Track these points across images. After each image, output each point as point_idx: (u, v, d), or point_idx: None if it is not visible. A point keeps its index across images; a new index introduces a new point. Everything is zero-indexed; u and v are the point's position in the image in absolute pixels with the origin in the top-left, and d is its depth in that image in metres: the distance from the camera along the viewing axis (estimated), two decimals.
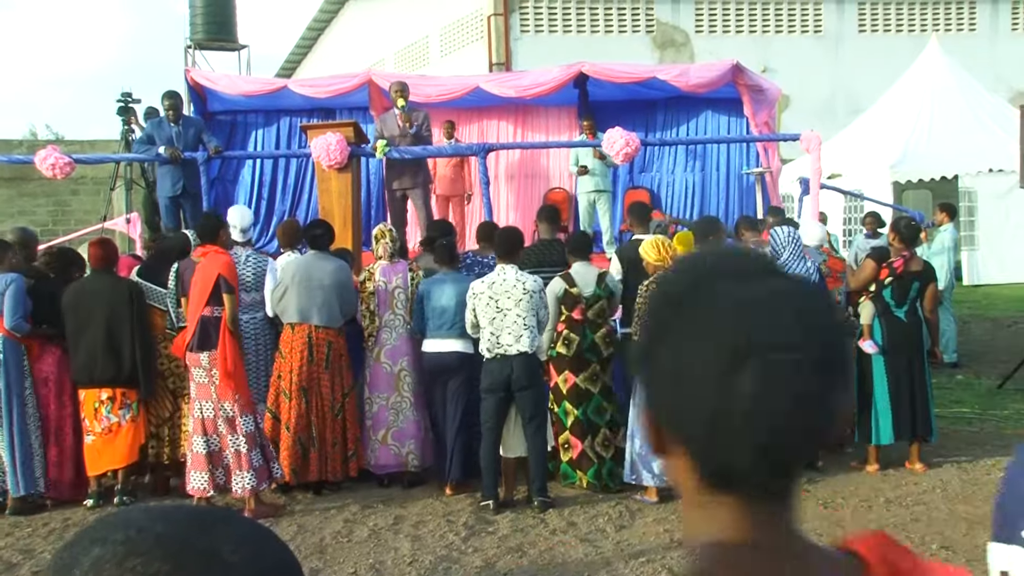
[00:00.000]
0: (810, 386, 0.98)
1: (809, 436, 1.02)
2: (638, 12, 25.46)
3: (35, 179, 19.74)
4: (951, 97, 20.25)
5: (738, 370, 0.97)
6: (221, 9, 28.75)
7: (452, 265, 7.91)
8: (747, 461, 1.00)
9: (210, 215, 8.31)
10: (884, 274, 8.06)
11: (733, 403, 0.98)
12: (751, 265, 1.06)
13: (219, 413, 7.19)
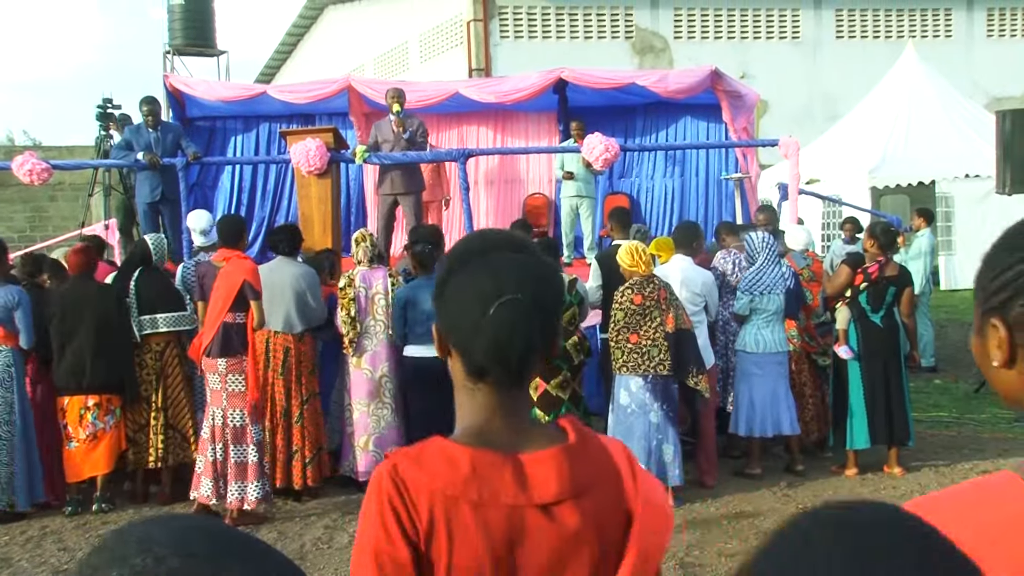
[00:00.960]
0: (528, 318, 1.63)
1: (529, 347, 1.65)
2: (617, 18, 25.52)
3: (12, 185, 19.60)
4: (928, 103, 20.39)
5: (487, 305, 1.62)
6: (200, 15, 28.67)
7: (431, 271, 7.90)
8: (491, 361, 1.64)
9: (232, 218, 8.23)
10: (859, 280, 8.10)
11: (483, 324, 1.62)
12: (506, 244, 1.74)
13: (228, 421, 7.16)
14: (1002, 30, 28.19)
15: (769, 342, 8.02)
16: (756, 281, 8.03)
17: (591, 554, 1.64)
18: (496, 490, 1.61)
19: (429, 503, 1.59)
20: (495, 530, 1.60)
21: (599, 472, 1.69)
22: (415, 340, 7.66)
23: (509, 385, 1.68)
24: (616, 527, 1.67)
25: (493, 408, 1.70)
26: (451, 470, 1.61)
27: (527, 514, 1.61)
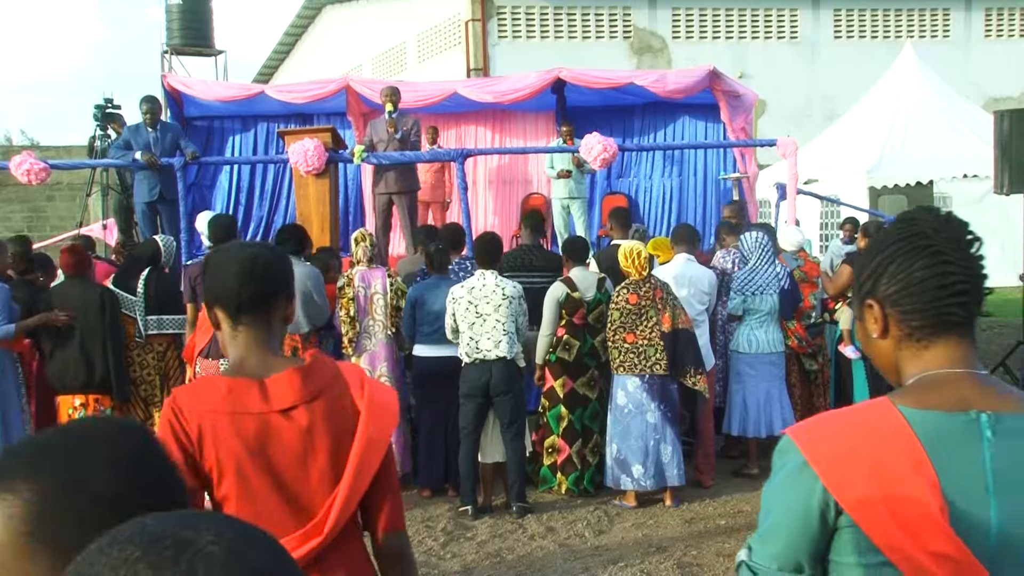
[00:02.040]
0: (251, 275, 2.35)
1: (262, 291, 2.35)
2: (615, 18, 25.53)
3: (10, 185, 19.60)
4: (926, 103, 20.40)
5: (240, 271, 2.34)
6: (197, 15, 28.63)
7: (442, 270, 7.90)
8: (244, 305, 2.33)
9: (223, 217, 8.20)
10: None
11: (240, 284, 2.33)
12: (247, 244, 2.50)
13: None
14: (1000, 30, 28.20)
15: (762, 342, 8.02)
16: (749, 281, 8.03)
17: (326, 441, 2.28)
18: (246, 403, 2.24)
19: (198, 419, 2.23)
20: (247, 432, 2.23)
21: (328, 383, 2.32)
22: (423, 340, 7.67)
23: (254, 324, 2.34)
24: (348, 420, 2.31)
25: (247, 348, 2.34)
26: (213, 393, 2.25)
27: (271, 418, 2.25)
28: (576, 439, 7.61)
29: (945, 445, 1.67)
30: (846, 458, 1.67)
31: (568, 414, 7.61)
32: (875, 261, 1.83)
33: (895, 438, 1.67)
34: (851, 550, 1.69)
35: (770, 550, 1.75)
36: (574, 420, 7.62)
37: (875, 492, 1.64)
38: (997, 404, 1.72)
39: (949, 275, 1.75)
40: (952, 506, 1.63)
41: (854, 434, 1.71)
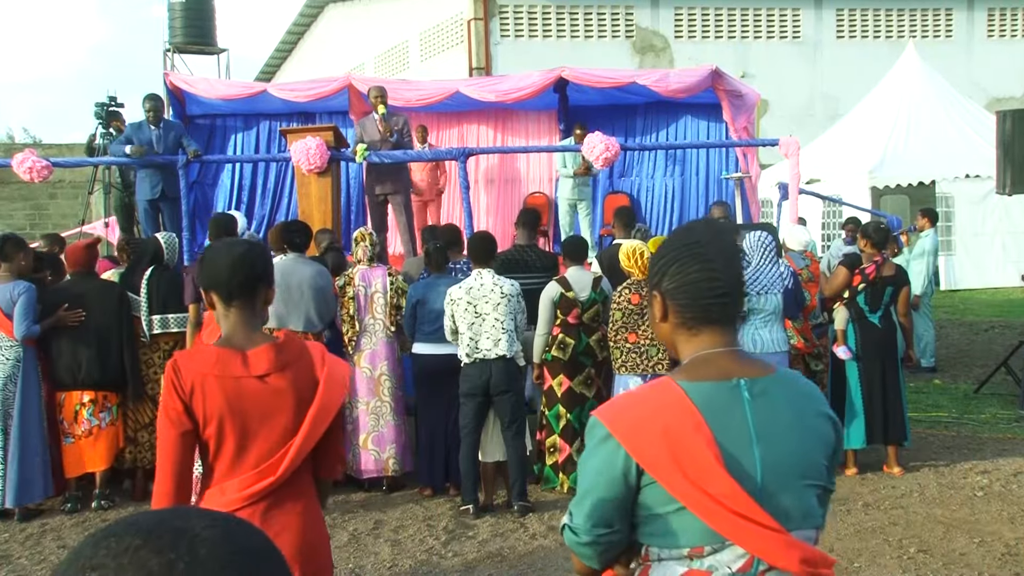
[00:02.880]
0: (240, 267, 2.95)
1: (248, 281, 2.95)
2: (618, 17, 25.53)
3: (12, 182, 19.62)
4: (928, 103, 20.41)
5: (231, 263, 2.95)
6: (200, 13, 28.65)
7: (443, 270, 7.90)
8: (234, 291, 2.92)
9: (222, 216, 8.21)
10: (857, 280, 8.09)
11: (231, 274, 2.93)
12: (236, 242, 3.23)
13: None
14: (1003, 30, 28.19)
15: (767, 342, 8.00)
16: (752, 281, 8.01)
17: (291, 402, 2.93)
18: (230, 368, 2.89)
19: (191, 378, 2.87)
20: (229, 390, 2.87)
21: (296, 357, 2.98)
22: (423, 338, 7.67)
23: (242, 305, 2.96)
24: (309, 388, 2.96)
25: (235, 326, 2.97)
26: (205, 359, 2.91)
27: (249, 381, 2.90)
28: (576, 438, 7.61)
29: (716, 408, 2.09)
30: (641, 427, 2.08)
31: (567, 413, 7.61)
32: (661, 261, 2.24)
33: (677, 407, 2.09)
34: (653, 502, 2.09)
35: (585, 511, 2.13)
36: (572, 419, 7.62)
37: (666, 452, 2.05)
38: (750, 372, 2.17)
39: (714, 280, 2.17)
40: (726, 455, 2.05)
41: (646, 408, 2.12)
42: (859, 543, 6.39)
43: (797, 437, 2.15)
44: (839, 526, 6.75)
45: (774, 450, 2.11)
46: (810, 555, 2.09)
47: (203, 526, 0.96)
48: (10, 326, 7.31)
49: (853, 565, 6.02)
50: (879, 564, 6.04)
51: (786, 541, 2.07)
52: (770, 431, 2.11)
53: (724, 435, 2.07)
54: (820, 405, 2.24)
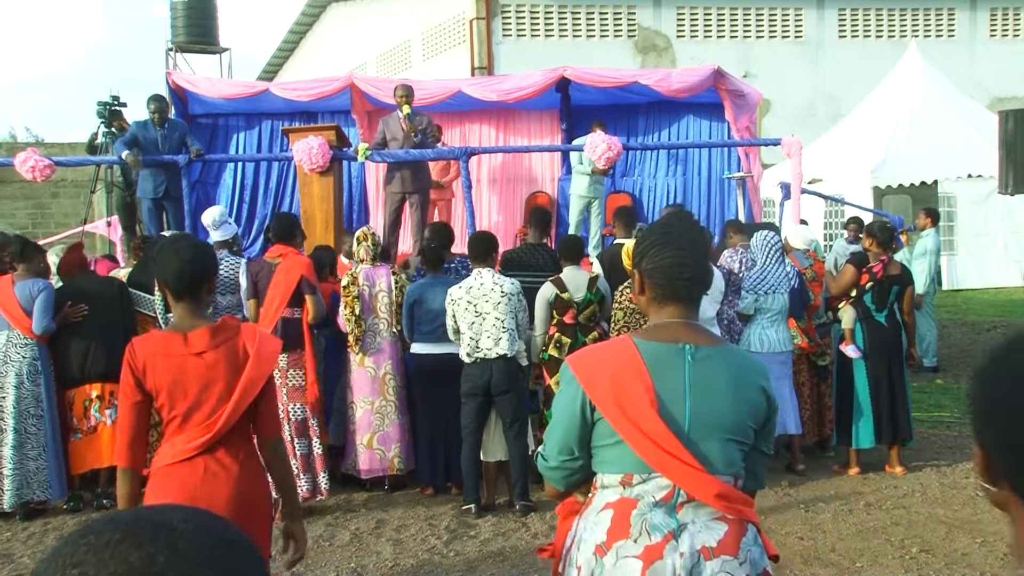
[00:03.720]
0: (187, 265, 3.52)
1: (193, 282, 3.52)
2: (620, 17, 25.52)
3: (15, 181, 19.63)
4: (931, 103, 20.40)
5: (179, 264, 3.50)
6: (202, 12, 28.69)
7: (438, 269, 7.90)
8: (182, 288, 3.53)
9: (286, 216, 8.24)
10: (865, 279, 8.08)
11: (179, 273, 3.49)
12: (183, 241, 3.69)
13: (288, 415, 7.27)
14: (1005, 30, 28.17)
15: (773, 341, 8.00)
16: (760, 280, 8.02)
17: (223, 374, 3.52)
18: (173, 348, 3.51)
19: (143, 358, 3.51)
20: (173, 366, 3.49)
21: (230, 336, 3.57)
22: (421, 338, 7.67)
23: (187, 303, 3.56)
24: (240, 361, 3.55)
25: (181, 314, 3.58)
26: (154, 342, 3.55)
27: (188, 358, 3.51)
28: None
29: (660, 363, 2.57)
30: (596, 372, 2.58)
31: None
32: (642, 245, 2.73)
33: (627, 358, 2.57)
34: (601, 435, 2.58)
35: (553, 440, 2.66)
36: None
37: (612, 393, 2.53)
38: (698, 340, 2.63)
39: (683, 266, 2.65)
40: (660, 401, 2.52)
41: (604, 357, 2.63)
42: (861, 543, 6.38)
43: (728, 399, 2.58)
44: (841, 526, 6.75)
45: (703, 405, 2.55)
46: (727, 492, 2.53)
47: (180, 520, 0.98)
48: (29, 322, 7.40)
49: (855, 565, 6.02)
50: (881, 564, 6.04)
51: (704, 478, 2.51)
52: (703, 389, 2.56)
53: (662, 385, 2.54)
54: (759, 379, 2.67)
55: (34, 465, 7.40)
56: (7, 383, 7.40)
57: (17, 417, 7.38)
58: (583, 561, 2.58)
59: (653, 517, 2.53)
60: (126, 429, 3.55)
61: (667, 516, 2.54)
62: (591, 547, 2.57)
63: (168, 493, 3.43)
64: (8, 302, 7.43)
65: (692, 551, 2.49)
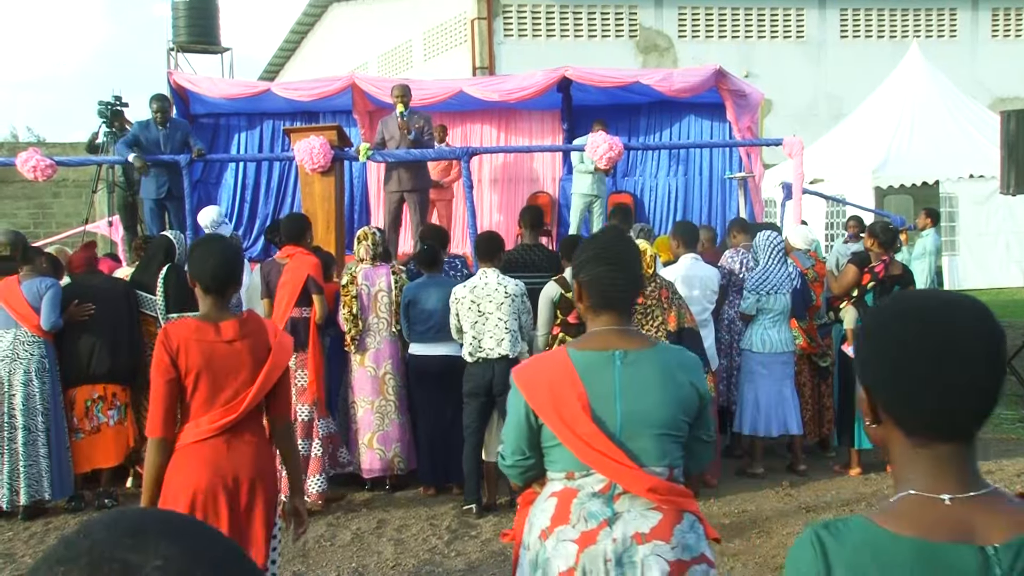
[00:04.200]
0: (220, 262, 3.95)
1: (225, 281, 3.95)
2: (621, 17, 25.52)
3: (16, 181, 19.63)
4: (932, 103, 20.38)
5: (214, 264, 3.94)
6: (204, 12, 28.71)
7: (434, 269, 7.90)
8: (213, 286, 3.94)
9: (296, 216, 8.26)
10: (867, 279, 8.07)
11: (213, 273, 3.93)
12: (219, 244, 4.05)
13: (295, 416, 7.27)
14: (1007, 30, 28.16)
15: (775, 342, 8.00)
16: (762, 281, 8.02)
17: (249, 362, 3.90)
18: (206, 335, 3.87)
19: (177, 341, 3.83)
20: (205, 351, 3.84)
21: (255, 330, 3.96)
22: (416, 338, 7.68)
23: (216, 298, 3.94)
24: (263, 351, 3.94)
25: (211, 306, 3.95)
26: (188, 328, 3.89)
27: (219, 345, 3.87)
28: None
29: (591, 370, 2.82)
30: (534, 382, 2.86)
31: None
32: (581, 258, 2.98)
33: (562, 368, 2.84)
34: (546, 438, 2.86)
35: (508, 442, 2.97)
36: None
37: (549, 400, 2.80)
38: (628, 345, 2.88)
39: (615, 279, 2.91)
40: (593, 406, 2.78)
41: (541, 368, 2.90)
42: None
43: (657, 397, 2.83)
44: None
45: (633, 406, 2.81)
46: (658, 485, 2.79)
47: (155, 565, 0.90)
48: (37, 320, 7.42)
49: None
50: None
51: (636, 474, 2.78)
52: (632, 391, 2.81)
53: (593, 391, 2.79)
54: (688, 376, 2.93)
55: (44, 463, 7.42)
56: (15, 381, 7.41)
57: (26, 415, 7.39)
58: (531, 543, 2.93)
59: (591, 506, 2.80)
60: (160, 403, 3.84)
61: (604, 505, 2.80)
62: (537, 531, 2.89)
63: (193, 471, 3.79)
64: (16, 301, 7.44)
65: (625, 537, 2.76)
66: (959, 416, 1.57)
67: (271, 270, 7.67)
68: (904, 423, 1.59)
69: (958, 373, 1.53)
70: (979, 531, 1.50)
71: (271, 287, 7.58)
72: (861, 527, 1.55)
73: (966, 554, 1.47)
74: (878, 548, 1.51)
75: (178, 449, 3.84)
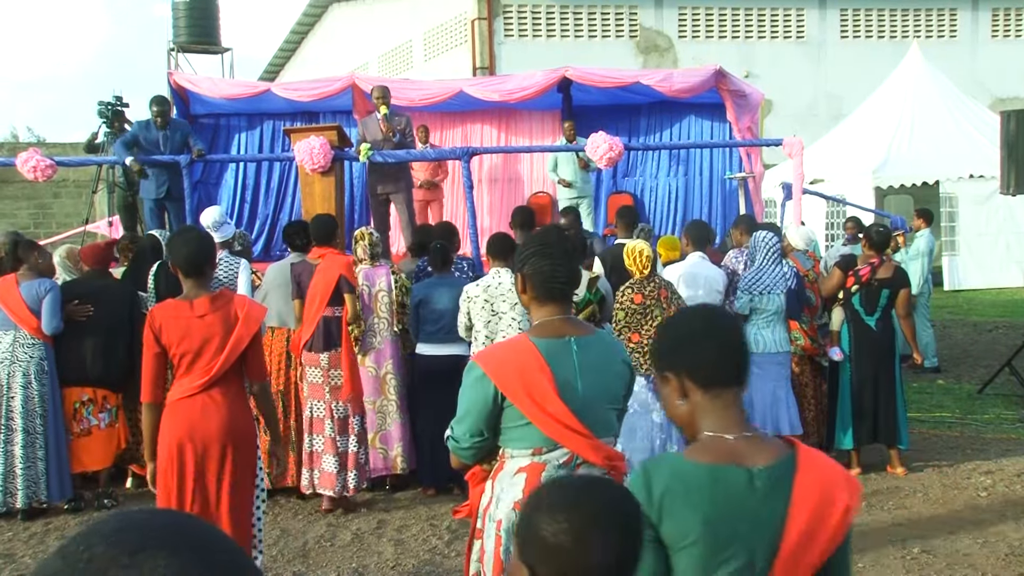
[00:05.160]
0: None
1: (198, 264, 4.70)
2: (622, 17, 25.52)
3: (16, 181, 19.64)
4: (932, 103, 20.38)
5: (188, 251, 4.68)
6: (204, 12, 28.70)
7: (445, 269, 7.90)
8: (190, 270, 4.68)
9: (325, 217, 8.26)
10: (851, 282, 8.08)
11: (187, 258, 4.69)
12: (190, 233, 5.03)
13: (330, 413, 7.31)
14: (1007, 30, 28.16)
15: (769, 342, 7.98)
16: (755, 281, 7.99)
17: (219, 332, 4.61)
18: (182, 312, 4.62)
19: (159, 320, 4.59)
20: (182, 326, 4.59)
21: (225, 304, 4.67)
22: (425, 338, 7.67)
23: (194, 279, 4.64)
24: (232, 322, 4.64)
25: (190, 287, 4.64)
26: (168, 308, 4.66)
27: (193, 320, 4.59)
28: None
29: (554, 355, 3.10)
30: (504, 367, 3.10)
31: None
32: (524, 253, 3.26)
33: (529, 354, 3.10)
34: (510, 418, 3.10)
35: (464, 426, 3.17)
36: None
37: (520, 383, 3.06)
38: (577, 333, 3.20)
39: (556, 272, 3.18)
40: (559, 386, 3.06)
41: (508, 354, 3.17)
42: (862, 543, 6.38)
43: (606, 375, 3.19)
44: None
45: (590, 385, 3.13)
46: (610, 454, 3.17)
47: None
48: (36, 323, 7.41)
49: (856, 565, 6.01)
50: (883, 564, 6.04)
51: (595, 444, 3.11)
52: (589, 372, 3.13)
53: (559, 373, 3.08)
54: (622, 355, 3.34)
55: (42, 466, 7.41)
56: (15, 383, 7.40)
57: (25, 417, 7.39)
58: (502, 515, 3.14)
59: (558, 476, 3.01)
60: (149, 373, 4.66)
61: (569, 475, 3.03)
62: (509, 503, 3.11)
63: (176, 423, 4.62)
64: (14, 303, 7.42)
65: None
66: (728, 367, 2.28)
67: (303, 271, 7.65)
68: (698, 379, 2.25)
69: (725, 335, 2.31)
70: (748, 458, 2.18)
71: (303, 288, 7.55)
72: (672, 459, 2.29)
73: (740, 473, 2.15)
74: (683, 472, 2.18)
75: (167, 405, 4.69)
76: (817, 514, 2.14)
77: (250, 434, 4.79)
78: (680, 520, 2.10)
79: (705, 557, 2.10)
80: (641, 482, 2.16)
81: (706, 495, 2.12)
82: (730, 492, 2.13)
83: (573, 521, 1.80)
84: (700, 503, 2.11)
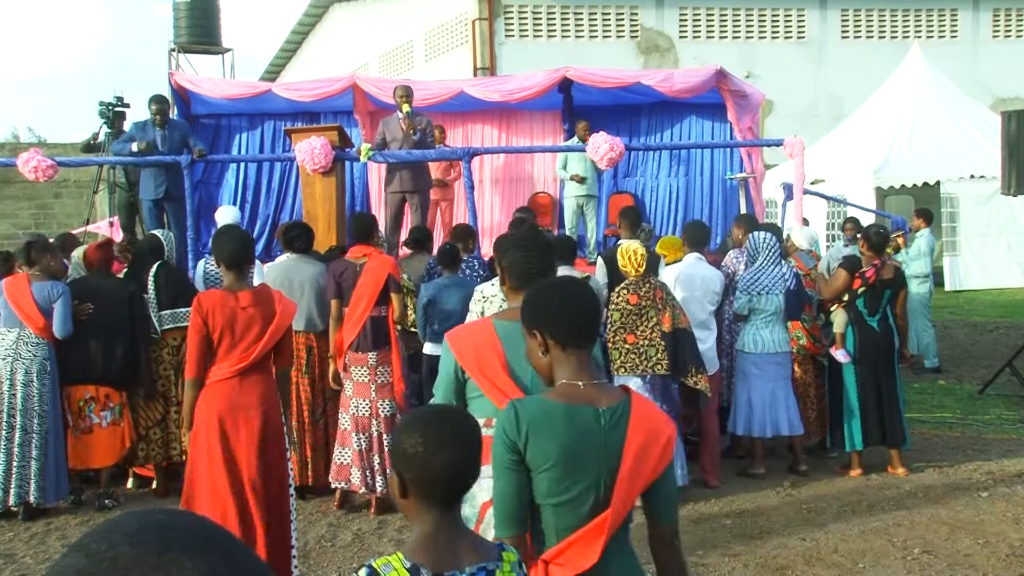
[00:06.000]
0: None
1: (241, 259, 5.44)
2: (623, 17, 25.53)
3: (17, 182, 19.65)
4: (933, 103, 20.38)
5: (232, 247, 5.38)
6: (205, 12, 28.68)
7: (454, 269, 7.91)
8: (233, 264, 5.40)
9: (364, 216, 8.25)
10: (857, 284, 8.06)
11: (231, 252, 5.38)
12: (236, 231, 5.73)
13: (376, 411, 7.30)
14: (1008, 30, 28.16)
15: (768, 342, 7.99)
16: (754, 281, 7.99)
17: (260, 322, 5.32)
18: (228, 303, 5.29)
19: (208, 307, 5.26)
20: (227, 314, 5.26)
21: (265, 298, 5.40)
22: (433, 338, 7.67)
23: (236, 272, 5.37)
24: (271, 314, 5.37)
25: (231, 280, 5.36)
26: (215, 297, 5.34)
27: (238, 310, 5.28)
28: None
29: (510, 337, 3.36)
30: (464, 344, 3.47)
31: None
32: (503, 248, 3.66)
33: (486, 334, 3.47)
34: (471, 390, 3.47)
35: (440, 393, 3.55)
36: None
37: (475, 359, 3.42)
38: None
39: (530, 263, 3.50)
40: (511, 364, 3.39)
41: (469, 333, 3.56)
42: (863, 544, 6.38)
43: None
44: (843, 527, 6.75)
45: None
46: None
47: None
48: (42, 322, 7.41)
49: (857, 566, 6.02)
50: (883, 565, 6.04)
51: None
52: None
53: (511, 353, 3.38)
54: None
55: (36, 465, 7.40)
56: (17, 380, 7.40)
57: (25, 415, 7.39)
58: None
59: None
60: (194, 352, 5.28)
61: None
62: None
63: (214, 399, 5.25)
64: (24, 301, 7.42)
65: None
66: (581, 333, 2.74)
67: (345, 270, 7.57)
68: (556, 339, 2.72)
69: (580, 306, 2.74)
70: (595, 400, 2.65)
71: (342, 287, 7.48)
72: (536, 400, 2.72)
73: (589, 411, 2.63)
74: (545, 409, 2.63)
75: (207, 385, 5.28)
76: (647, 443, 2.65)
77: (279, 409, 5.47)
78: (542, 447, 2.59)
79: (561, 477, 2.60)
80: (512, 417, 2.63)
81: (563, 428, 2.60)
82: (582, 426, 2.62)
83: (426, 436, 2.25)
84: (558, 434, 2.60)
